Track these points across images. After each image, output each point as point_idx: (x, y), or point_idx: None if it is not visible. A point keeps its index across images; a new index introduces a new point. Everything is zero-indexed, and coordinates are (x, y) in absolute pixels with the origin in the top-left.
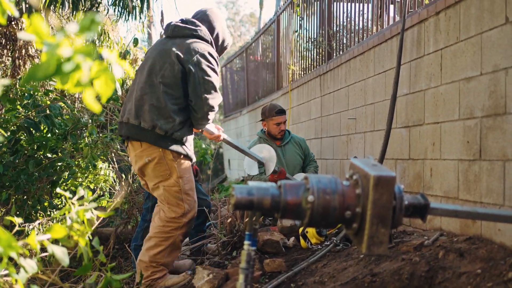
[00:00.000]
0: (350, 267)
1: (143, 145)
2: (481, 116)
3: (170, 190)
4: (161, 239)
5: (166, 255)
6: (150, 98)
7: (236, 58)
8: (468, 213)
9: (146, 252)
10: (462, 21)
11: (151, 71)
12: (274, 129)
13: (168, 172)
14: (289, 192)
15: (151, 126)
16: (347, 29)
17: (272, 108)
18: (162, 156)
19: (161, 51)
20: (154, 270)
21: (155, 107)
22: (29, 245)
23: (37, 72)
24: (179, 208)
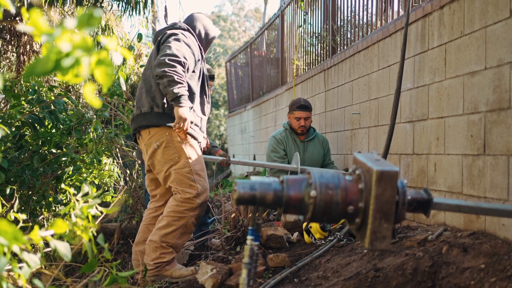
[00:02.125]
0: (354, 262)
1: (150, 131)
2: (485, 111)
3: (181, 171)
4: (174, 219)
5: (177, 236)
6: (145, 88)
7: (241, 53)
8: (472, 208)
9: (157, 231)
10: (467, 15)
11: (144, 70)
12: (294, 123)
13: (177, 155)
14: (292, 187)
15: (149, 108)
16: (351, 23)
17: (295, 102)
18: (170, 140)
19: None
20: (163, 252)
21: (149, 92)
22: (33, 241)
23: (37, 67)
24: (192, 189)
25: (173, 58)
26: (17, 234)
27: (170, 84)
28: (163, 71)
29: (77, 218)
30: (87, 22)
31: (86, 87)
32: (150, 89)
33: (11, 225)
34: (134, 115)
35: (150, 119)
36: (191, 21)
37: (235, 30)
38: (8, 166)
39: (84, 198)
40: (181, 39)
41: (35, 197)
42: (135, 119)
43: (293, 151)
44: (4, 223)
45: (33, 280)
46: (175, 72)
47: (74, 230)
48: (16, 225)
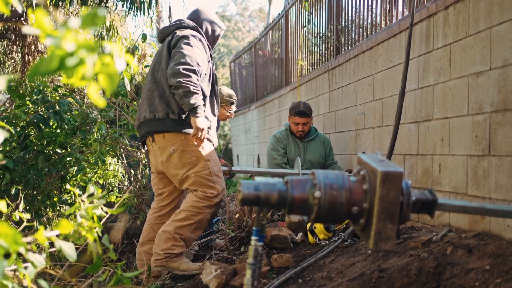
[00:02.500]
0: (358, 263)
1: (165, 136)
2: (490, 112)
3: (201, 174)
4: (192, 213)
5: (191, 230)
6: (157, 92)
7: (245, 54)
8: (476, 209)
9: (173, 222)
10: (472, 15)
11: (153, 71)
12: (293, 127)
13: (194, 158)
14: (296, 187)
15: (164, 114)
16: (355, 24)
17: (295, 107)
18: (186, 144)
19: (158, 53)
20: (175, 244)
21: (163, 97)
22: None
23: (41, 66)
24: (213, 190)
25: (188, 67)
26: (17, 237)
27: (187, 95)
28: (178, 82)
29: (82, 219)
30: (91, 21)
31: (91, 87)
32: (163, 94)
33: (11, 228)
34: (146, 119)
35: (166, 125)
36: (197, 16)
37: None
38: (13, 166)
39: (89, 199)
40: (192, 43)
41: (39, 197)
42: (147, 123)
43: (293, 151)
44: (5, 226)
45: (38, 280)
46: (190, 82)
47: (79, 231)
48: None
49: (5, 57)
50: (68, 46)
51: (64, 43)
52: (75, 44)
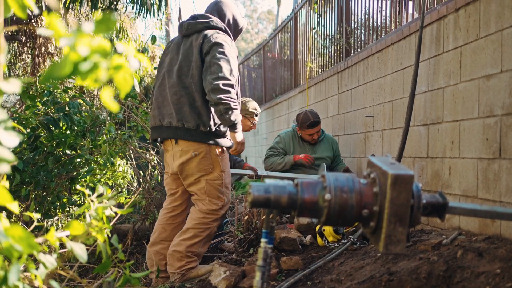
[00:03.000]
0: (367, 266)
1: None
2: (501, 114)
3: (213, 183)
4: (200, 230)
5: (201, 246)
6: (187, 100)
7: (254, 55)
8: (487, 213)
9: (182, 242)
10: (482, 18)
11: (180, 73)
12: (307, 137)
13: (211, 166)
14: (306, 190)
15: (195, 126)
16: (365, 26)
17: (305, 120)
18: (208, 151)
19: (184, 52)
20: (189, 260)
21: (194, 107)
22: (48, 242)
23: (54, 71)
24: (219, 201)
25: (227, 82)
26: (31, 240)
27: (227, 111)
28: (219, 99)
29: (92, 220)
30: (105, 26)
31: (104, 91)
32: (193, 103)
33: (26, 232)
34: (172, 125)
35: (195, 136)
36: (220, 10)
37: (248, 32)
38: (23, 167)
39: (98, 199)
40: (227, 52)
41: (49, 198)
42: (173, 129)
43: (298, 149)
44: (19, 230)
45: (50, 281)
46: (230, 98)
47: (89, 231)
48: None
49: (15, 59)
50: (82, 51)
51: (77, 48)
52: (88, 49)
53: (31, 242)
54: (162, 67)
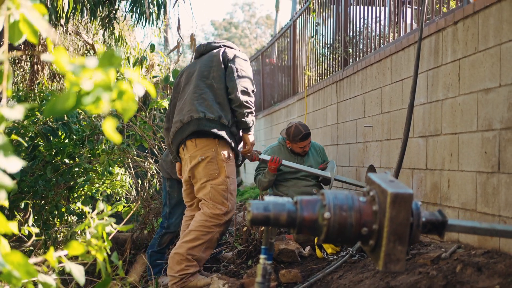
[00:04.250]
0: (366, 280)
1: (197, 144)
2: (500, 128)
3: (218, 188)
4: (201, 233)
5: (202, 250)
6: (210, 95)
7: (252, 62)
8: (486, 230)
9: (184, 244)
10: (481, 31)
11: (200, 77)
12: (298, 150)
13: (217, 171)
14: (306, 208)
15: (217, 117)
16: (363, 35)
17: (296, 133)
18: (215, 156)
19: (202, 63)
20: (188, 264)
21: (217, 102)
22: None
23: (57, 105)
24: (223, 206)
25: (252, 89)
26: (30, 267)
27: (248, 115)
28: (246, 102)
29: (92, 238)
30: (108, 61)
31: (106, 122)
32: (215, 100)
33: (24, 258)
34: (193, 118)
35: (214, 126)
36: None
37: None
38: (22, 176)
39: (99, 216)
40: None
41: (48, 207)
42: (194, 122)
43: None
44: (18, 256)
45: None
46: (252, 103)
47: (88, 250)
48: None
49: (14, 66)
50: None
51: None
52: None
53: (29, 269)
54: (179, 86)
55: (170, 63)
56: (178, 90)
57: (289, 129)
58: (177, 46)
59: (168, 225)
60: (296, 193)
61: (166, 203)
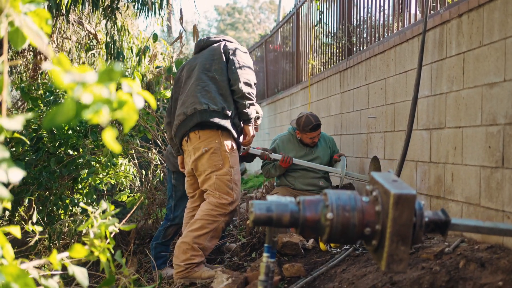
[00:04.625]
0: (370, 274)
1: (200, 136)
2: (504, 123)
3: (222, 178)
4: (207, 222)
5: (208, 239)
6: (213, 87)
7: (256, 49)
8: (490, 229)
9: (190, 233)
10: (486, 25)
11: (202, 70)
12: (307, 140)
13: (221, 162)
14: (308, 208)
15: (220, 108)
16: (367, 24)
17: (307, 123)
18: (218, 147)
19: (203, 56)
20: (194, 254)
21: (219, 93)
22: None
23: (57, 116)
24: (229, 196)
25: (255, 81)
26: (28, 280)
27: (250, 107)
28: (248, 93)
29: (95, 239)
30: (108, 77)
31: (106, 132)
32: (219, 91)
33: (22, 271)
34: (197, 110)
35: (217, 117)
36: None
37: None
38: (26, 168)
39: (102, 216)
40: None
41: (52, 198)
42: (197, 114)
43: (296, 155)
44: (16, 269)
45: None
46: (254, 95)
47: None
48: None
49: (17, 56)
50: (85, 99)
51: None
52: (92, 97)
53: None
54: (180, 80)
55: (173, 52)
56: (180, 84)
57: (299, 119)
58: (179, 37)
59: (173, 218)
60: (303, 185)
61: (171, 195)
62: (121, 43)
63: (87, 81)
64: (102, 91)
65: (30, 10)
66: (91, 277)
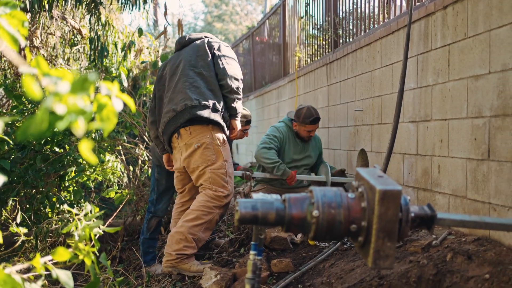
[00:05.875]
0: (358, 268)
1: (192, 132)
2: (489, 116)
3: (217, 172)
4: (203, 213)
5: (202, 230)
6: (202, 83)
7: (243, 42)
8: (476, 223)
9: (184, 223)
10: (470, 17)
11: (188, 66)
12: (304, 133)
13: (214, 156)
14: (294, 206)
15: (211, 103)
16: (353, 16)
17: (307, 115)
18: (211, 142)
19: (187, 53)
20: (186, 245)
21: (209, 89)
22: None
23: (30, 128)
24: (224, 189)
25: (241, 77)
26: (16, 284)
27: (237, 101)
28: (237, 88)
29: (79, 242)
30: (81, 87)
31: (82, 143)
32: (208, 86)
33: (9, 276)
34: (188, 106)
35: (209, 112)
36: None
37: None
38: (11, 167)
39: (86, 218)
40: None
41: (39, 196)
42: (189, 109)
43: (292, 151)
44: (3, 274)
45: None
46: (240, 90)
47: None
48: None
49: (1, 52)
50: (58, 109)
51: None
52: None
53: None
54: (163, 78)
55: (159, 46)
56: (163, 82)
57: (300, 110)
58: (164, 31)
59: (155, 211)
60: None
61: (153, 189)
62: (105, 38)
63: (59, 91)
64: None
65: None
66: (79, 276)
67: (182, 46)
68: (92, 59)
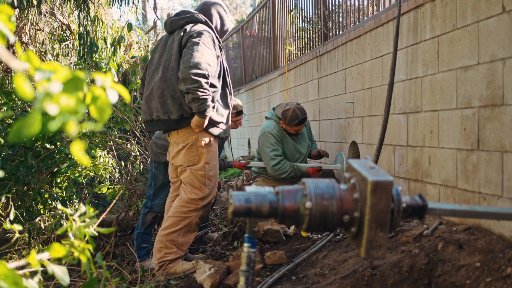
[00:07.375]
0: (351, 259)
1: (179, 132)
2: (478, 106)
3: (196, 173)
4: (178, 219)
5: (181, 235)
6: (168, 92)
7: (233, 35)
8: (466, 212)
9: (162, 231)
10: (459, 8)
11: (164, 67)
12: (291, 131)
13: (197, 157)
14: (287, 198)
15: (179, 116)
16: (343, 8)
17: (293, 118)
18: (195, 143)
19: (168, 48)
20: (167, 251)
21: (175, 98)
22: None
23: (22, 129)
24: (200, 191)
25: (198, 72)
26: (17, 279)
27: (194, 100)
28: (188, 89)
29: (74, 240)
30: (73, 86)
31: (74, 144)
32: (174, 95)
33: (11, 270)
34: (161, 119)
35: (182, 123)
36: (208, 8)
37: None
38: (2, 164)
39: (81, 218)
40: (202, 42)
41: (31, 193)
42: (162, 122)
43: (290, 146)
44: (4, 267)
45: None
46: (199, 89)
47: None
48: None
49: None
50: (50, 110)
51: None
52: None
53: (17, 280)
54: (152, 63)
55: (149, 41)
56: (151, 66)
57: (286, 112)
58: (153, 26)
59: (151, 206)
60: None
61: (151, 184)
62: (95, 33)
63: (52, 91)
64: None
65: None
66: (74, 272)
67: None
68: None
